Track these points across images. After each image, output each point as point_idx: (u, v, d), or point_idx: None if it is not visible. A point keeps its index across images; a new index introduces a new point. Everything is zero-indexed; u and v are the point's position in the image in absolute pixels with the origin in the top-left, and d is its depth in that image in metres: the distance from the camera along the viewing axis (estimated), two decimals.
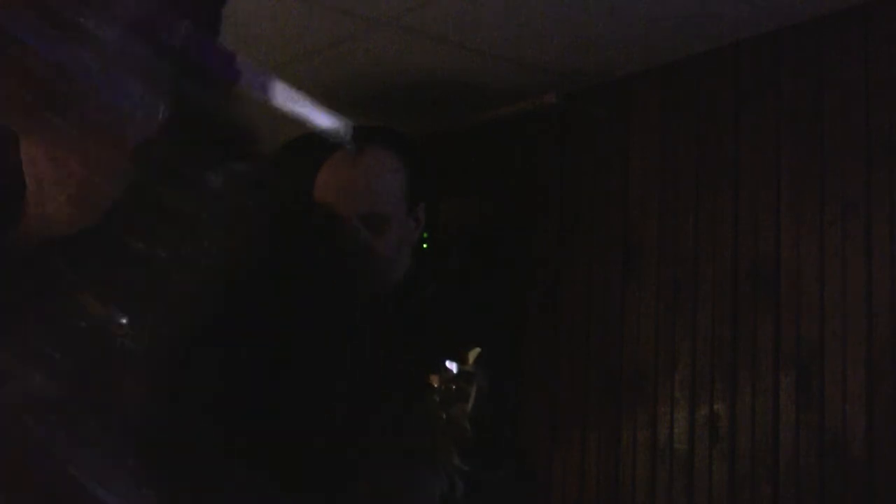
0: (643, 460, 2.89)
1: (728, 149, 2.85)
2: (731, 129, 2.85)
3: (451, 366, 1.72)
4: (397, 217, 2.06)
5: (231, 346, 0.68)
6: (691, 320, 2.84)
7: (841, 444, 2.48)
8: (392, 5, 2.73)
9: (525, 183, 3.37)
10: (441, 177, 2.44)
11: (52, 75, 0.73)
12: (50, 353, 0.69)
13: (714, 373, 2.77)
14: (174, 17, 0.76)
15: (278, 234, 0.73)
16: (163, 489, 0.66)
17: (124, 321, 0.69)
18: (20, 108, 0.73)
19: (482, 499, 1.78)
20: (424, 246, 2.14)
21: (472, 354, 1.75)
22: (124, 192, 0.75)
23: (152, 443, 0.67)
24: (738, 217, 2.79)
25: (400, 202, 2.06)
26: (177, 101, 0.77)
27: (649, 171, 3.04)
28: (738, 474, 2.67)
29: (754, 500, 2.63)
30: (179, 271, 0.69)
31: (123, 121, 0.74)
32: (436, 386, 1.72)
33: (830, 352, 2.54)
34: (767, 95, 2.78)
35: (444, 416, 1.67)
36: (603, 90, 3.19)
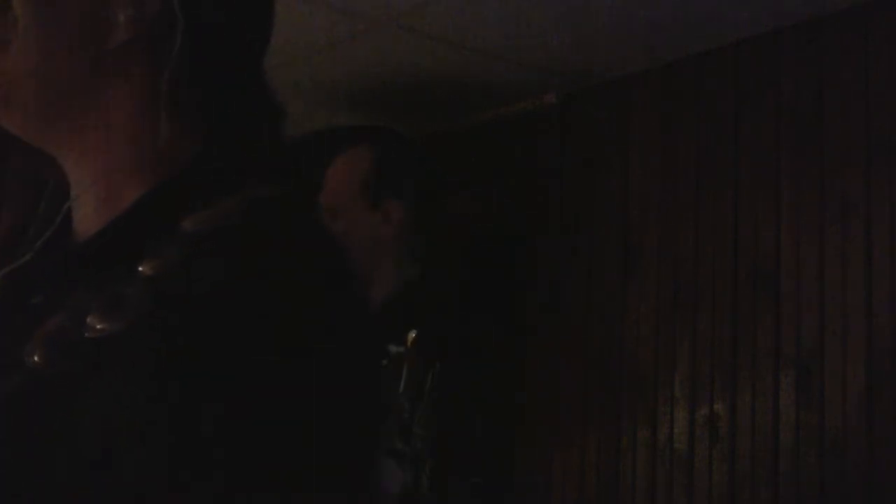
0: (643, 460, 2.89)
1: (728, 149, 2.85)
2: (731, 129, 2.85)
3: (391, 348, 1.74)
4: (351, 210, 2.07)
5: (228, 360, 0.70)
6: (691, 320, 2.84)
7: (841, 444, 2.48)
8: (392, 5, 2.73)
9: (525, 183, 3.37)
10: (441, 177, 2.44)
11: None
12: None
13: (714, 373, 2.77)
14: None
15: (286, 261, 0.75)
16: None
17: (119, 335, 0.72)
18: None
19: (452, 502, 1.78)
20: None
21: (410, 337, 1.76)
22: (133, 203, 0.80)
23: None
24: (738, 217, 2.79)
25: (355, 196, 2.07)
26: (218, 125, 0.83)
27: (649, 171, 3.04)
28: (738, 474, 2.67)
29: (754, 501, 2.63)
30: (176, 287, 0.72)
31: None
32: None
33: (830, 352, 2.54)
34: (767, 95, 2.78)
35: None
36: (603, 90, 3.19)
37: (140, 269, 0.74)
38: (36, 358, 0.73)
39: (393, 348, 1.77)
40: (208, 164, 0.81)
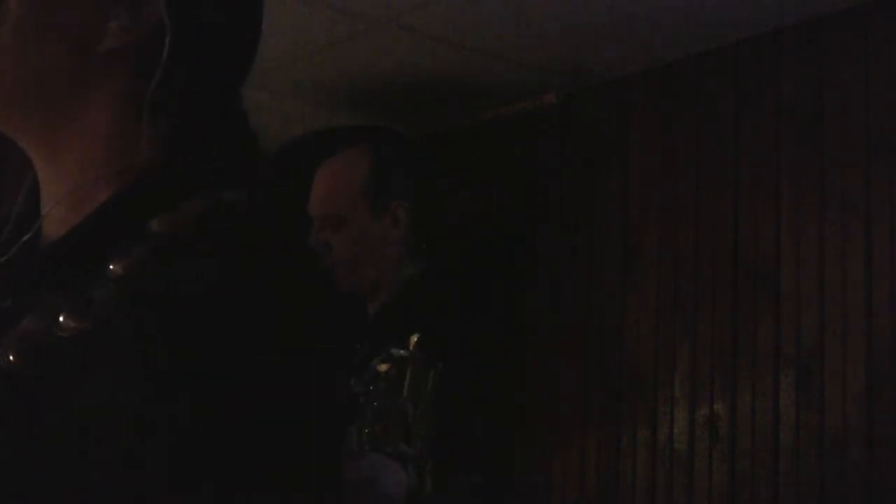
0: (643, 460, 2.89)
1: (728, 149, 2.85)
2: (731, 129, 2.85)
3: (395, 352, 1.74)
4: (356, 217, 2.08)
5: (207, 361, 0.71)
6: (691, 320, 2.84)
7: (841, 444, 2.48)
8: (392, 5, 2.73)
9: (525, 183, 3.37)
10: (441, 177, 2.44)
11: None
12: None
13: (714, 373, 2.77)
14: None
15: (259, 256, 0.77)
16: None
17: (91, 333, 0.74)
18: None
19: (451, 500, 1.78)
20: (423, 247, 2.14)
21: (413, 339, 1.76)
22: (102, 204, 0.81)
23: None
24: (738, 217, 2.79)
25: (358, 202, 2.08)
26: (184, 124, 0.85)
27: (649, 171, 3.04)
28: (738, 474, 2.67)
29: (754, 501, 2.63)
30: (145, 290, 0.74)
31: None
32: (383, 372, 1.74)
33: (830, 352, 2.54)
34: (767, 95, 2.78)
35: (377, 403, 1.68)
36: (603, 90, 3.19)
37: (111, 267, 0.76)
38: (11, 358, 0.74)
39: (395, 352, 1.77)
40: (176, 168, 0.83)
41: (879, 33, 2.58)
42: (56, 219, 0.83)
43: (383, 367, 1.75)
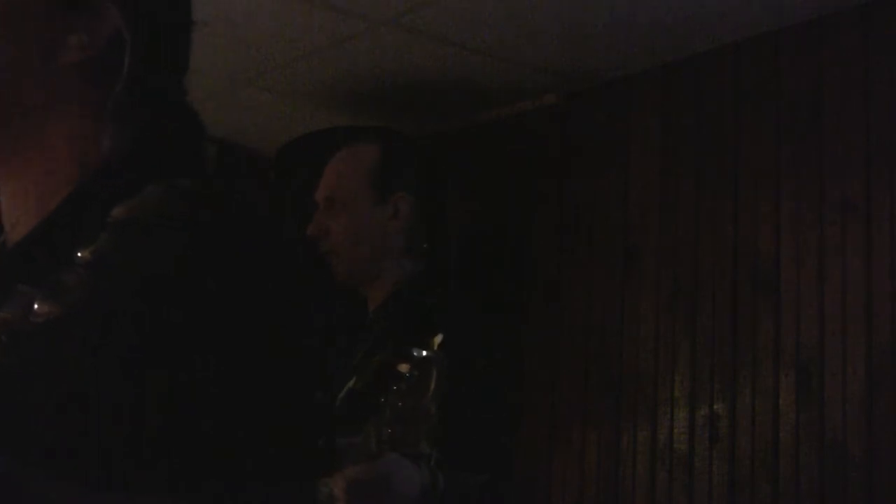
0: (643, 460, 2.89)
1: (728, 149, 2.85)
2: (731, 129, 2.85)
3: (417, 353, 1.74)
4: (357, 202, 2.10)
5: (184, 350, 0.73)
6: (691, 320, 2.84)
7: (841, 444, 2.48)
8: (392, 5, 2.73)
9: (525, 183, 3.37)
10: (441, 176, 2.44)
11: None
12: None
13: (714, 373, 2.77)
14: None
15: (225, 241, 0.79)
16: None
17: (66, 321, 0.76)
18: None
19: (461, 500, 1.78)
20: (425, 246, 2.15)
21: (436, 340, 1.77)
22: (66, 198, 0.84)
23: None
24: (738, 217, 2.79)
25: (361, 188, 2.10)
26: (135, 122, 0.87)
27: (649, 171, 3.04)
28: (738, 474, 2.67)
29: (754, 500, 2.63)
30: (117, 276, 0.76)
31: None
32: (403, 373, 1.74)
33: (830, 352, 2.54)
34: (767, 95, 2.78)
35: (401, 403, 1.68)
36: (603, 90, 3.19)
37: (79, 255, 0.78)
38: None
39: (418, 352, 1.77)
40: (134, 160, 0.85)
41: (879, 33, 2.58)
42: (24, 226, 0.86)
43: (404, 368, 1.74)
